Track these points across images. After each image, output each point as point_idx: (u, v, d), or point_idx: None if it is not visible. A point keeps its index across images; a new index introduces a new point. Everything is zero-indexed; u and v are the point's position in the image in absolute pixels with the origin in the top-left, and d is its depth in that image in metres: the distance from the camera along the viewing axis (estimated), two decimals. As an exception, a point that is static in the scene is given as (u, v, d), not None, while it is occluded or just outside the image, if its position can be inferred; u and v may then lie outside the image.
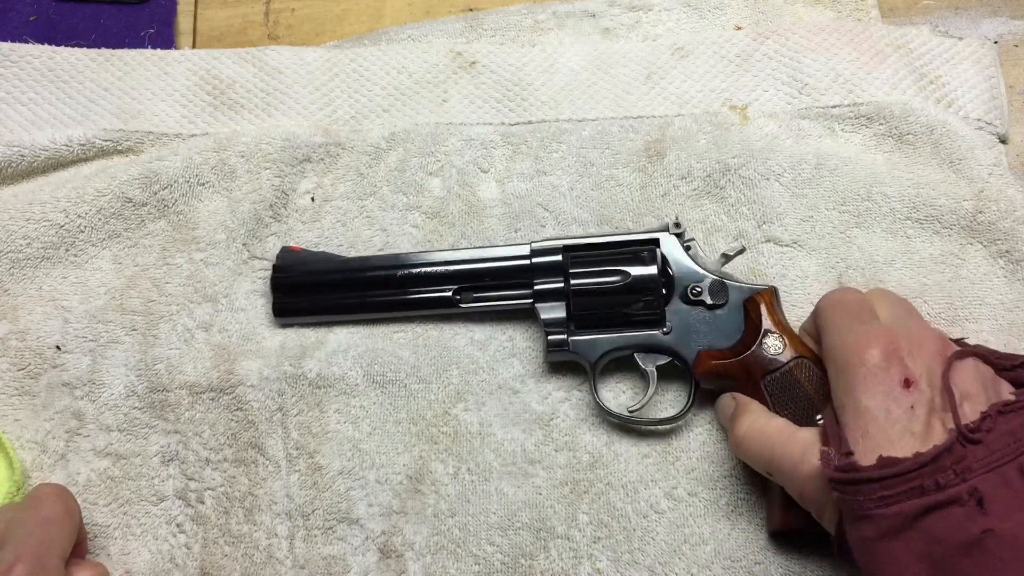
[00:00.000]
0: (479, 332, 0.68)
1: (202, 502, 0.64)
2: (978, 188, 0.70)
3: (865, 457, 0.48)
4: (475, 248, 0.68)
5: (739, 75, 0.76)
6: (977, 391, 0.50)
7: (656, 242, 0.65)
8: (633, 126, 0.74)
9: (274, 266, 0.68)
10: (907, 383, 0.50)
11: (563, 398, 0.66)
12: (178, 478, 0.65)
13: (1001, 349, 0.64)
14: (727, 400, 0.61)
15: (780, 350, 0.60)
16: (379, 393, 0.67)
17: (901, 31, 0.77)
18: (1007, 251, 0.68)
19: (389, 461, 0.65)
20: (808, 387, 0.59)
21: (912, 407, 0.49)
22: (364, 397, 0.67)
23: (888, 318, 0.55)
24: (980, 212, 0.69)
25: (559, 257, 0.65)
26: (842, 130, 0.74)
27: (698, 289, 0.63)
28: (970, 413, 0.49)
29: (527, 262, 0.65)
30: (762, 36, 0.77)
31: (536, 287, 0.65)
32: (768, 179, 0.71)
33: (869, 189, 0.70)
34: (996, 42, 0.77)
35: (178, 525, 0.64)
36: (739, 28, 0.79)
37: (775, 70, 0.76)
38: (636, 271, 0.63)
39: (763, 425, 0.57)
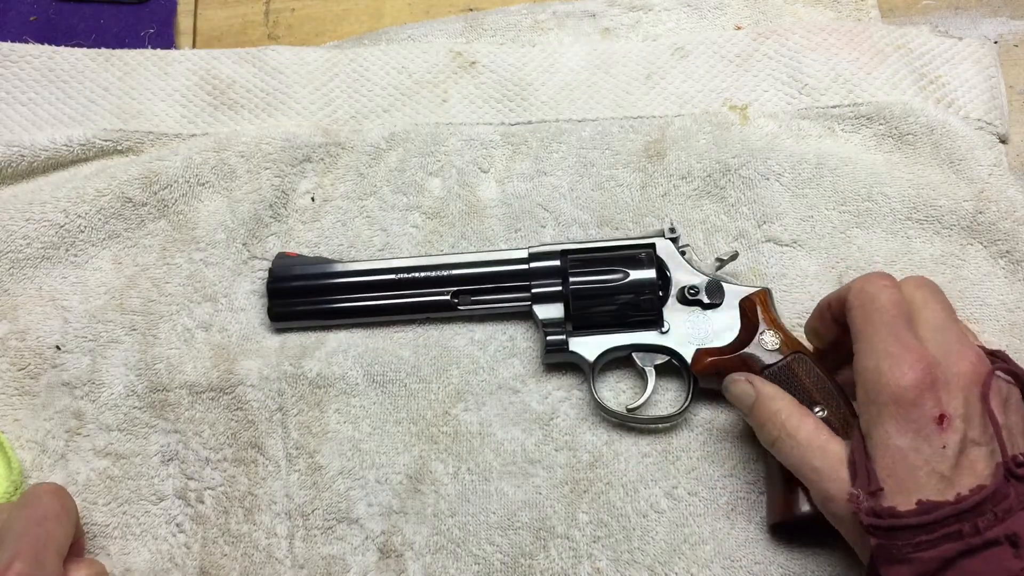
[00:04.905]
0: (479, 332, 0.68)
1: (202, 502, 0.64)
2: (978, 188, 0.70)
3: (899, 499, 0.48)
4: (473, 252, 0.69)
5: (739, 75, 0.76)
6: (1010, 420, 0.49)
7: (652, 246, 0.66)
8: (633, 126, 0.74)
9: (269, 271, 0.68)
10: (941, 419, 0.48)
11: (563, 398, 0.66)
12: (178, 478, 0.65)
13: (1003, 350, 0.65)
14: (743, 386, 0.59)
15: (777, 345, 0.61)
16: (379, 393, 0.67)
17: (901, 31, 0.77)
18: (1008, 251, 0.68)
19: (389, 461, 0.65)
20: (806, 381, 0.59)
21: (944, 446, 0.48)
22: (364, 397, 0.67)
23: (927, 327, 0.52)
24: (980, 212, 0.69)
25: (557, 261, 0.66)
26: (842, 130, 0.74)
27: (695, 289, 0.64)
28: (1008, 443, 0.48)
29: (525, 266, 0.66)
30: (762, 36, 0.77)
31: (534, 290, 0.66)
32: (768, 179, 0.71)
33: (869, 189, 0.70)
34: (996, 42, 0.77)
35: (178, 525, 0.64)
36: (739, 28, 0.79)
37: (775, 70, 0.75)
38: (634, 273, 0.64)
39: (794, 429, 0.54)
